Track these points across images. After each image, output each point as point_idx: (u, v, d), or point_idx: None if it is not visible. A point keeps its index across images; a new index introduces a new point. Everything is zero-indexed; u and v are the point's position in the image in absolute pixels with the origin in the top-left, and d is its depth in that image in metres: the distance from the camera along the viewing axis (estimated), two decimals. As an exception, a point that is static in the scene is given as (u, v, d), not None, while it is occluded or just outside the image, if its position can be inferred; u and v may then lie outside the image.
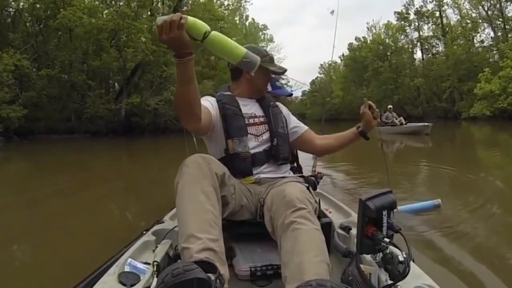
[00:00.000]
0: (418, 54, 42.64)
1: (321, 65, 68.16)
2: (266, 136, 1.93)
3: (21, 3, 20.81)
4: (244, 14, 44.58)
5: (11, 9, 21.09)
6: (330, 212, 2.22)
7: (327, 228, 1.85)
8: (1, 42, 18.85)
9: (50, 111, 20.03)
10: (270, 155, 1.91)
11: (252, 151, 1.85)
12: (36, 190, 5.98)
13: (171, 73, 20.60)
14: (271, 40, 49.57)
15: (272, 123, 1.96)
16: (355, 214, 1.94)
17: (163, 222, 2.02)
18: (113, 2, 22.58)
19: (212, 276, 1.13)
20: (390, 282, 1.27)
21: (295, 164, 2.13)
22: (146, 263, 1.58)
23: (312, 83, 68.33)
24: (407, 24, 40.63)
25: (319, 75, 69.66)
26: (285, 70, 2.03)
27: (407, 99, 40.10)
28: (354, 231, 1.77)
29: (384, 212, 1.28)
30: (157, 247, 1.74)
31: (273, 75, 2.11)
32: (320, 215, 1.86)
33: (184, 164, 1.51)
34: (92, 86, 21.94)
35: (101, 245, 2.81)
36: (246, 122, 1.90)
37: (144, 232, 1.92)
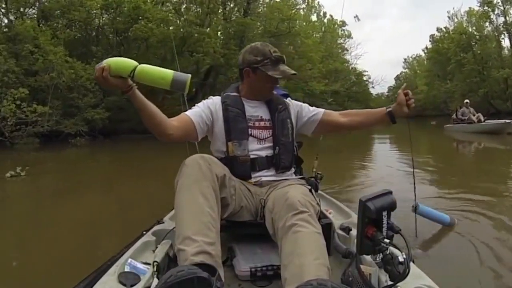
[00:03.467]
0: (506, 42, 38.72)
1: (405, 59, 66.34)
2: (269, 141, 1.90)
3: (103, 19, 22.31)
4: (322, 11, 44.13)
5: (94, 25, 22.63)
6: (330, 213, 2.18)
7: (327, 229, 1.83)
8: (87, 54, 20.41)
9: (132, 113, 21.07)
10: (271, 162, 1.88)
11: (253, 155, 1.84)
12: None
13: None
14: (349, 36, 48.62)
15: (276, 129, 1.91)
16: (355, 214, 1.92)
17: (163, 223, 2.02)
18: (183, 11, 23.61)
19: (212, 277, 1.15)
20: (390, 282, 1.26)
21: (297, 166, 2.09)
22: (146, 263, 1.58)
23: (397, 78, 66.41)
24: (491, 10, 37.17)
25: (403, 70, 67.71)
26: (291, 74, 1.89)
27: (494, 93, 36.70)
28: (354, 232, 1.76)
29: (384, 213, 1.26)
30: (157, 247, 1.76)
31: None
32: (321, 216, 1.82)
33: (184, 164, 1.52)
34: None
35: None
36: (250, 124, 1.88)
37: (144, 232, 1.92)
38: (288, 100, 2.08)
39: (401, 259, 1.23)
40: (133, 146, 15.17)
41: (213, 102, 1.93)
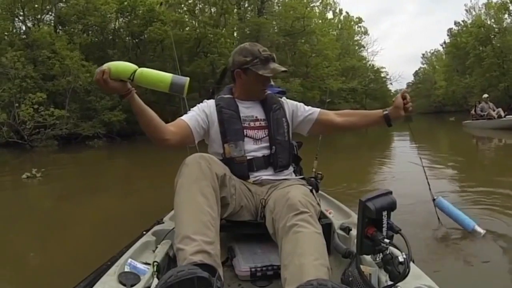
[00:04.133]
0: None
1: (423, 54, 65.15)
2: (265, 141, 1.90)
3: (118, 22, 22.56)
4: (338, 8, 43.70)
5: (110, 28, 22.92)
6: (330, 213, 2.16)
7: (327, 229, 1.83)
8: (104, 58, 20.66)
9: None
10: (269, 162, 1.88)
11: (250, 155, 1.85)
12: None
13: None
14: (365, 32, 48.12)
15: (271, 129, 1.91)
16: (355, 214, 1.90)
17: (163, 223, 2.02)
18: (197, 12, 23.75)
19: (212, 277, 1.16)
20: (390, 282, 1.25)
21: (297, 165, 2.08)
22: (146, 263, 1.57)
23: (416, 74, 65.43)
24: (509, 1, 35.66)
25: (421, 66, 66.15)
26: (281, 71, 1.90)
27: (515, 87, 35.82)
28: (354, 232, 1.74)
29: (384, 213, 1.26)
30: (157, 247, 1.75)
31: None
32: (321, 216, 1.82)
33: (184, 163, 1.52)
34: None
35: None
36: (246, 125, 1.89)
37: (144, 232, 1.91)
38: (283, 99, 2.07)
39: (401, 259, 1.22)
40: (148, 147, 15.32)
41: (208, 105, 1.94)
